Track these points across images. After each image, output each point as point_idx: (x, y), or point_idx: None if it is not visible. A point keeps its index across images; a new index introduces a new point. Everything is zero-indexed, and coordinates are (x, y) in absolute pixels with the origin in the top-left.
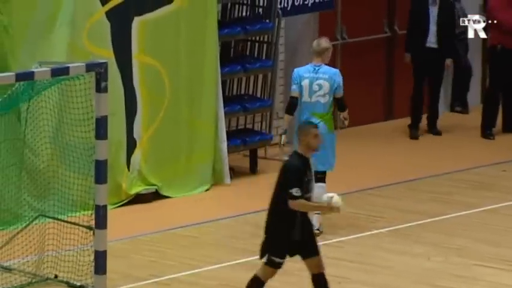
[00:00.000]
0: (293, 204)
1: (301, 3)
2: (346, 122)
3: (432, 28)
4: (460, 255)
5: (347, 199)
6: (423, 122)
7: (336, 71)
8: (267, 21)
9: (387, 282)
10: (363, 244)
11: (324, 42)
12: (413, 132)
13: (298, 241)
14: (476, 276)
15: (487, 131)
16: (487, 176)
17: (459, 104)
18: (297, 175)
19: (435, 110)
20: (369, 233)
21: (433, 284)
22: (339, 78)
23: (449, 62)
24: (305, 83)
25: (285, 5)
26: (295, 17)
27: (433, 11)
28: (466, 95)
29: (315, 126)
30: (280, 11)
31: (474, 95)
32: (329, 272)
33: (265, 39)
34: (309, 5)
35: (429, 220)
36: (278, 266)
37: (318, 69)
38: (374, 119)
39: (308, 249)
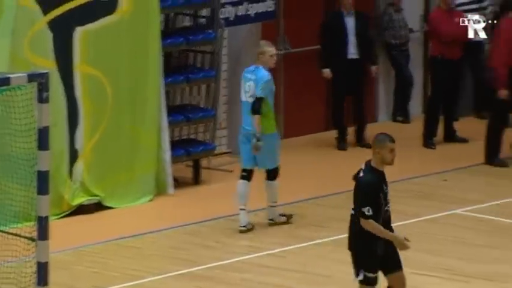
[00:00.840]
0: (364, 224)
1: (244, 13)
2: (257, 134)
3: (351, 39)
4: None
5: (290, 209)
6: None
7: (264, 74)
8: (210, 31)
9: None
10: (306, 254)
11: (262, 46)
12: (341, 145)
13: (382, 256)
14: (417, 286)
15: (428, 141)
16: (428, 186)
17: (400, 113)
18: (370, 192)
19: (363, 121)
20: (311, 242)
21: None
22: (262, 81)
23: (374, 68)
24: (242, 82)
25: (228, 15)
26: (238, 27)
27: (350, 22)
28: (407, 104)
29: (392, 140)
30: (223, 22)
31: (415, 105)
32: (272, 282)
33: (209, 50)
34: (252, 15)
35: None
36: (374, 282)
37: (253, 71)
38: (315, 129)
39: (392, 264)
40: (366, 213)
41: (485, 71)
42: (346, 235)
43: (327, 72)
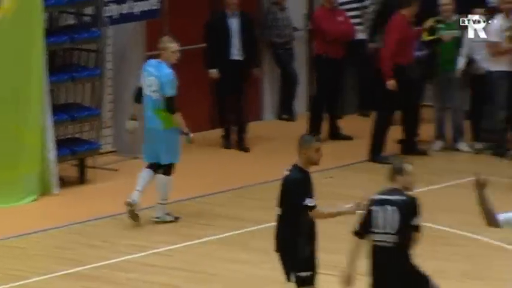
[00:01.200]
0: (313, 215)
1: (128, 11)
2: (184, 130)
3: (235, 40)
4: None
5: (176, 207)
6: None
7: (168, 72)
8: (94, 29)
9: None
10: (193, 252)
11: (164, 41)
12: (227, 143)
13: (306, 258)
14: None
15: None
16: (313, 183)
17: (286, 111)
18: (302, 186)
19: (243, 123)
20: (198, 241)
21: None
22: (166, 79)
23: (257, 71)
24: (143, 75)
25: (112, 13)
26: (122, 26)
27: (233, 23)
28: (292, 103)
29: (318, 139)
30: (107, 20)
31: (300, 103)
32: (159, 281)
33: (93, 48)
34: (136, 13)
35: (257, 227)
36: (310, 281)
37: (156, 66)
38: (201, 127)
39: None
40: (310, 204)
41: (369, 70)
42: (232, 233)
43: (214, 72)
